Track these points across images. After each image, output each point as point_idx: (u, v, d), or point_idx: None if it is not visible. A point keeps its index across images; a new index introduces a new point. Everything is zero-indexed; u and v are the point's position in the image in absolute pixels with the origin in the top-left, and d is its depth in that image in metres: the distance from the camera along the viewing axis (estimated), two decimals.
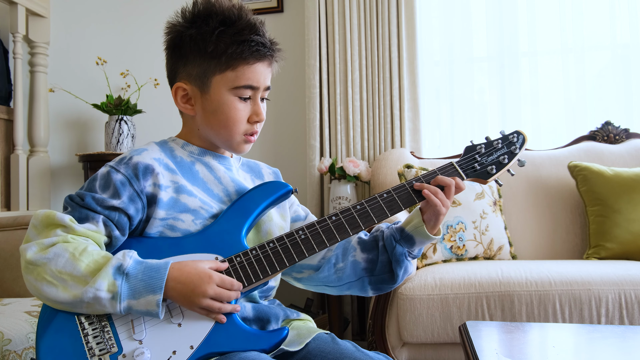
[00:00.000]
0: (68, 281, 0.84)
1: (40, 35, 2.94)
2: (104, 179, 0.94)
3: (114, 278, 0.85)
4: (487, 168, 1.05)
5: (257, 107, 1.02)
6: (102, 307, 0.85)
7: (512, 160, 1.07)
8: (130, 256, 0.88)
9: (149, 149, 1.00)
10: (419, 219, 1.02)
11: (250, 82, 0.99)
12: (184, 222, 0.96)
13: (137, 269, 0.86)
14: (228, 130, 1.01)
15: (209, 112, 1.01)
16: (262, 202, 1.00)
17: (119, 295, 0.84)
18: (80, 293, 0.84)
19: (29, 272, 0.86)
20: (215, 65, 0.98)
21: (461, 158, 1.06)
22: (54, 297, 0.85)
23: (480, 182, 1.06)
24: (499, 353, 1.09)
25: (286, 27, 2.95)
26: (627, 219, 2.17)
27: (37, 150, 2.91)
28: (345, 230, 0.98)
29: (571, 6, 2.72)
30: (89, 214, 0.91)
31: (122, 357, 0.86)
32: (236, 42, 0.97)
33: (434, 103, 2.87)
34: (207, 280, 0.88)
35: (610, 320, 1.75)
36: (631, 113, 2.68)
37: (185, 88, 1.02)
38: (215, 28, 0.97)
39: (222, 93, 0.99)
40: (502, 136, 1.09)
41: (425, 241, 1.03)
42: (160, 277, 0.86)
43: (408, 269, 1.05)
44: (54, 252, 0.86)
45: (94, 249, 0.88)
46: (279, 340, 0.91)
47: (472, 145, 1.08)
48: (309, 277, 1.12)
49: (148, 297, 0.85)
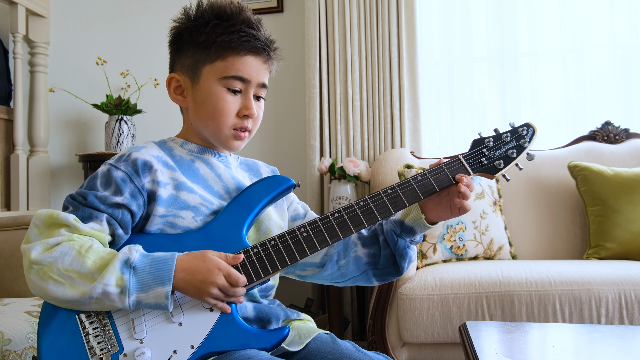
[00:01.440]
0: (75, 279, 0.84)
1: (40, 35, 2.94)
2: (104, 176, 0.94)
3: (122, 272, 0.84)
4: (495, 162, 1.02)
5: (247, 101, 1.01)
6: (111, 302, 0.84)
7: (521, 154, 1.03)
8: (137, 250, 0.88)
9: (148, 146, 1.00)
10: (417, 210, 1.01)
11: (240, 73, 0.99)
12: (184, 219, 0.95)
13: (144, 262, 0.86)
14: (216, 122, 1.00)
15: (199, 102, 1.01)
16: (264, 197, 0.99)
17: (127, 289, 0.84)
18: (89, 289, 0.83)
19: (33, 272, 0.85)
20: (206, 56, 0.99)
21: (468, 152, 1.03)
22: (61, 295, 0.84)
23: (488, 177, 1.03)
24: (499, 353, 1.09)
25: (286, 27, 2.95)
26: (627, 219, 2.17)
27: (37, 150, 2.91)
28: (348, 227, 0.96)
29: (571, 6, 2.72)
30: (93, 212, 0.91)
31: (123, 356, 0.86)
32: (226, 32, 0.98)
33: (434, 103, 2.87)
34: (215, 271, 0.87)
35: (610, 320, 1.75)
36: (631, 113, 2.68)
37: (178, 79, 1.03)
38: (209, 20, 0.99)
39: (211, 83, 0.99)
40: (511, 129, 1.05)
41: (425, 230, 1.03)
42: (168, 268, 0.86)
43: (412, 258, 1.05)
44: (60, 251, 0.85)
45: (99, 246, 0.88)
46: (279, 339, 0.91)
47: (480, 138, 1.04)
48: (313, 275, 1.12)
49: (157, 290, 0.84)
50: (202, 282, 0.87)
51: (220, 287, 0.87)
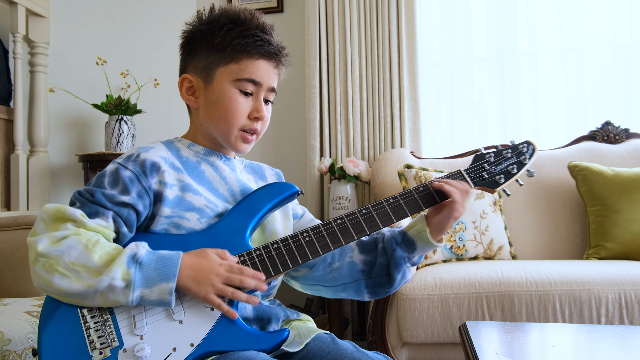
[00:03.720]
0: (82, 272, 0.85)
1: (40, 35, 2.94)
2: (112, 175, 0.95)
3: (128, 267, 0.85)
4: (496, 177, 1.05)
5: (258, 103, 1.03)
6: (116, 296, 0.85)
7: (521, 170, 1.07)
8: (143, 246, 0.89)
9: (156, 147, 1.01)
10: (423, 223, 1.02)
11: (253, 76, 1.01)
12: (189, 220, 0.96)
13: (150, 258, 0.87)
14: (227, 123, 1.02)
15: (211, 103, 1.02)
16: (267, 202, 1.00)
17: (132, 283, 0.85)
18: (95, 283, 0.84)
19: (39, 265, 0.86)
20: (221, 58, 1.01)
21: (470, 166, 1.07)
22: (66, 288, 0.85)
23: (489, 191, 1.06)
24: (499, 353, 1.09)
25: (286, 27, 2.95)
26: (627, 219, 2.17)
27: (37, 150, 2.91)
28: (350, 234, 0.98)
29: (571, 6, 2.73)
30: (99, 209, 0.91)
31: (123, 351, 0.86)
32: (242, 36, 1.00)
33: (434, 103, 2.87)
34: (217, 268, 0.89)
35: (610, 320, 1.75)
36: (631, 113, 2.69)
37: (190, 80, 1.05)
38: (224, 24, 1.01)
39: (224, 85, 1.01)
40: (511, 145, 1.09)
41: (426, 248, 1.03)
42: (174, 265, 0.87)
43: (406, 274, 1.04)
44: (66, 245, 0.86)
45: (105, 242, 0.89)
46: (279, 341, 0.91)
47: (481, 153, 1.08)
48: (305, 276, 1.12)
49: (161, 286, 0.85)
50: (205, 278, 0.88)
51: (224, 281, 0.88)
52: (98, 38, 3.08)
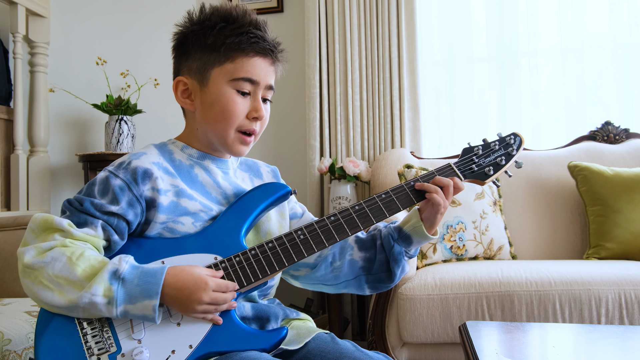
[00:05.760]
0: (64, 285, 0.84)
1: (40, 35, 2.94)
2: (102, 184, 0.93)
3: (110, 283, 0.84)
4: (485, 169, 1.06)
5: (256, 103, 1.01)
6: (98, 311, 0.84)
7: (509, 162, 1.08)
8: (127, 261, 0.87)
9: (148, 152, 0.99)
10: (417, 218, 1.03)
11: (249, 75, 0.99)
12: (184, 224, 0.96)
13: (133, 274, 0.86)
14: (224, 124, 0.99)
15: (207, 105, 1.00)
16: (261, 203, 1.00)
17: (115, 300, 0.84)
18: (76, 298, 0.83)
19: (26, 276, 0.86)
20: (215, 58, 0.99)
21: (459, 159, 1.08)
22: (50, 301, 0.84)
23: (478, 183, 1.07)
24: (499, 353, 1.09)
25: (286, 27, 2.95)
26: (627, 219, 2.17)
27: (37, 150, 2.91)
28: (344, 230, 0.98)
29: (571, 6, 2.72)
30: (88, 218, 0.90)
31: (121, 356, 0.86)
32: (235, 34, 0.98)
33: (434, 103, 2.87)
34: (203, 287, 0.87)
35: (610, 320, 1.75)
36: (631, 113, 2.68)
37: (185, 82, 1.02)
38: (216, 23, 0.99)
39: (220, 85, 0.99)
40: (499, 138, 1.10)
41: (422, 241, 1.04)
42: (157, 282, 0.85)
43: (405, 268, 1.06)
44: (51, 256, 0.85)
45: (91, 254, 0.88)
46: (278, 340, 0.91)
47: (469, 147, 1.09)
48: (306, 276, 1.12)
49: (144, 302, 0.84)
50: (188, 299, 0.87)
51: (208, 302, 0.87)
52: (98, 38, 3.08)
